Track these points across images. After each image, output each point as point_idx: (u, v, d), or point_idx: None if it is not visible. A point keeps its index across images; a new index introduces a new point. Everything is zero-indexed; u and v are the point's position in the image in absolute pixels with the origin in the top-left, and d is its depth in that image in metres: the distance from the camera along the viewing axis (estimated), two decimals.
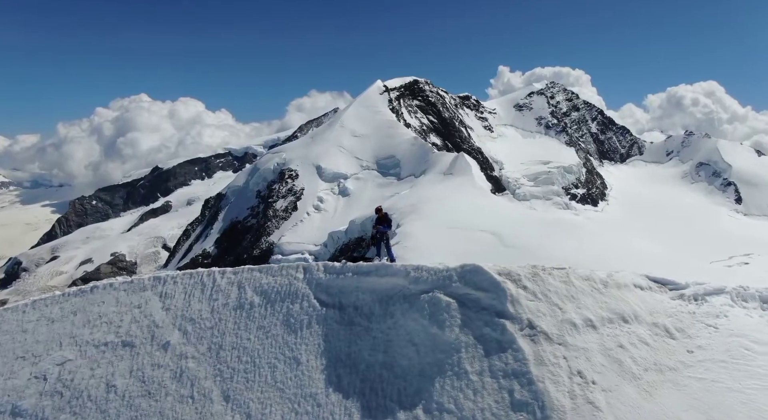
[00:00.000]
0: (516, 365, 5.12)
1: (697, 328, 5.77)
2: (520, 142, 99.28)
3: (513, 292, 5.66)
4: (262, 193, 70.70)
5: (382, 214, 9.89)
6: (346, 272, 7.01)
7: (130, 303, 9.27)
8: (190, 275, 9.00)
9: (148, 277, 9.63)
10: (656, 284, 6.44)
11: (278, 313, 7.23)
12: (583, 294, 5.76)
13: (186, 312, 8.37)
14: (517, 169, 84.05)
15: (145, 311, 8.92)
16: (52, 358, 9.08)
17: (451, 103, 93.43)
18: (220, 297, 8.15)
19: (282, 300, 7.35)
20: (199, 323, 8.04)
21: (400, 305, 6.21)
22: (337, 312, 6.72)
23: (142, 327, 8.64)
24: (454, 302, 5.78)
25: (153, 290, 9.23)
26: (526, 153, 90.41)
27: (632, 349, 5.31)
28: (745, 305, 6.26)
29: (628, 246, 47.56)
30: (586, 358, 5.09)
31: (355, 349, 6.20)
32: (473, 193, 47.67)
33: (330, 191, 62.90)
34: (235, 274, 8.37)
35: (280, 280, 7.63)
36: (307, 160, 67.40)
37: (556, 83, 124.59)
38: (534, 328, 5.35)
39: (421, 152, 62.38)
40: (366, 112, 74.17)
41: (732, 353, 5.40)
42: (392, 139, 66.94)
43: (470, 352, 5.36)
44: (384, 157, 64.93)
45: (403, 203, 42.72)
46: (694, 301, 6.22)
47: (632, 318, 5.67)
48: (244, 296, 7.83)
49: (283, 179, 66.17)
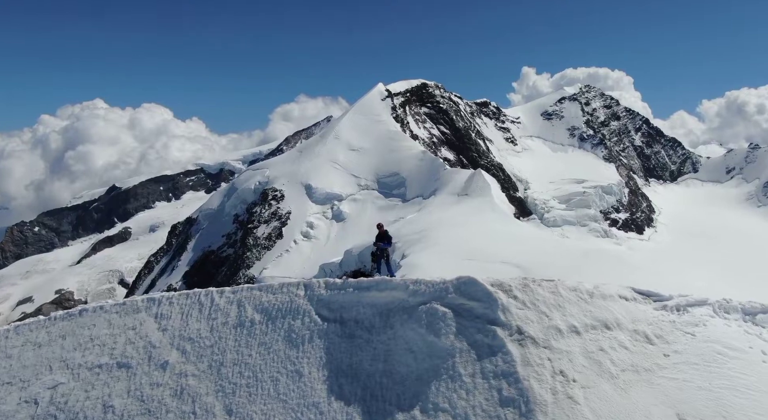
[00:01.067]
0: (505, 367, 6.91)
1: (675, 335, 7.54)
2: (549, 156, 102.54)
3: (504, 301, 7.51)
4: (241, 218, 72.76)
5: (382, 230, 12.04)
6: (347, 288, 8.89)
7: (124, 325, 11.08)
8: (186, 296, 10.87)
9: (142, 298, 11.52)
10: (641, 296, 8.28)
11: (280, 329, 9.05)
12: (569, 303, 7.60)
13: (184, 332, 10.17)
14: (546, 189, 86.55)
15: (140, 332, 10.72)
16: (43, 382, 10.81)
17: (466, 110, 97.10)
18: (219, 316, 9.97)
19: (283, 317, 9.18)
20: (198, 342, 9.82)
21: (399, 317, 8.06)
22: (338, 326, 8.55)
23: (138, 348, 10.42)
24: (449, 312, 7.63)
25: (147, 311, 11.08)
26: (557, 170, 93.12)
27: (612, 352, 7.08)
28: (727, 316, 8.02)
29: (681, 283, 48.43)
30: (569, 360, 6.87)
31: (357, 360, 8.00)
32: (493, 218, 49.12)
33: (322, 215, 64.78)
34: (234, 293, 10.24)
35: (281, 297, 9.49)
36: (295, 178, 69.66)
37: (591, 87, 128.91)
38: (522, 334, 7.16)
39: (430, 169, 64.63)
40: (365, 122, 77.09)
41: (705, 357, 7.14)
42: (396, 153, 69.51)
43: (464, 356, 7.18)
44: (386, 175, 67.24)
45: (409, 229, 44.28)
46: (676, 311, 8.01)
47: (614, 325, 7.48)
48: (245, 314, 9.66)
49: (266, 201, 68.26)
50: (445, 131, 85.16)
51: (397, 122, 77.29)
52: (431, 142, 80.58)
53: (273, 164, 77.81)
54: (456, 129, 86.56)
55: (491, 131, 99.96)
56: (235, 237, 71.66)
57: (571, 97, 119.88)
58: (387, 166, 68.30)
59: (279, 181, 70.01)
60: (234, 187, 78.90)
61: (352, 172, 68.78)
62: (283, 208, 66.71)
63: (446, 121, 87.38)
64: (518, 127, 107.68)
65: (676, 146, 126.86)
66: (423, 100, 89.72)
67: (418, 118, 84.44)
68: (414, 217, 53.13)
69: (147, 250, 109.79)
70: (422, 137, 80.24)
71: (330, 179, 67.53)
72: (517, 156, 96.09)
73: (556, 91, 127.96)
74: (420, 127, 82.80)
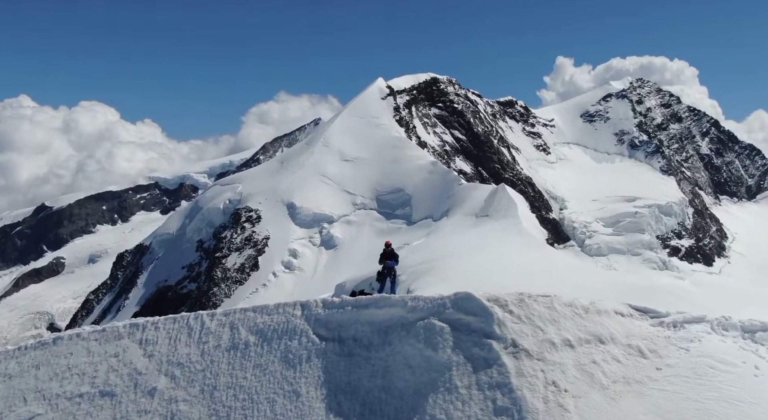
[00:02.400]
0: (499, 378, 9.20)
1: (669, 349, 9.83)
2: (591, 168, 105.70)
3: (500, 316, 9.86)
4: (206, 245, 75.10)
5: (390, 249, 14.92)
6: (346, 306, 11.26)
7: (105, 352, 13.41)
8: (174, 320, 13.24)
9: (123, 324, 13.89)
10: (638, 312, 10.62)
11: (276, 350, 11.39)
12: (564, 318, 9.94)
13: (173, 357, 12.48)
14: (587, 208, 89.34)
15: (124, 359, 13.04)
16: (17, 414, 13.12)
17: (486, 111, 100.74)
18: (211, 339, 12.31)
19: (279, 337, 11.53)
20: (188, 367, 12.12)
21: (397, 333, 10.41)
22: (336, 345, 10.89)
23: (122, 375, 12.73)
24: (447, 327, 9.99)
25: (131, 338, 13.43)
26: (601, 185, 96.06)
27: (604, 365, 9.36)
28: (725, 333, 10.30)
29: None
30: (561, 371, 9.16)
31: (355, 377, 10.31)
32: (520, 245, 50.77)
33: (308, 241, 67.10)
34: (226, 315, 12.61)
35: (277, 318, 11.86)
36: (275, 195, 72.05)
37: (645, 81, 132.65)
38: (517, 346, 9.48)
39: (442, 184, 67.08)
40: (362, 125, 79.99)
41: (697, 370, 9.40)
42: (400, 164, 72.24)
43: (460, 369, 9.50)
44: (388, 191, 69.91)
45: (414, 259, 46.17)
46: (673, 327, 10.30)
47: (608, 339, 9.80)
48: (238, 336, 12.00)
49: (238, 224, 70.43)
50: (461, 137, 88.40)
51: (401, 126, 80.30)
52: (443, 151, 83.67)
53: (247, 178, 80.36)
54: (474, 134, 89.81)
55: (518, 137, 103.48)
56: (199, 269, 73.57)
57: (618, 94, 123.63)
58: (388, 180, 70.89)
59: (254, 199, 72.34)
60: (197, 207, 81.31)
61: (346, 187, 71.34)
62: (260, 233, 68.74)
63: (462, 124, 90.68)
64: (552, 132, 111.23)
65: (755, 155, 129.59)
66: (433, 98, 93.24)
67: (427, 121, 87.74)
68: (421, 244, 54.98)
69: (84, 287, 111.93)
70: (432, 145, 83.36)
71: (318, 197, 70.00)
72: (550, 167, 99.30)
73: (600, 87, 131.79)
74: (429, 132, 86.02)
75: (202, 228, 77.92)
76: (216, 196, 79.09)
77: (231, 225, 71.82)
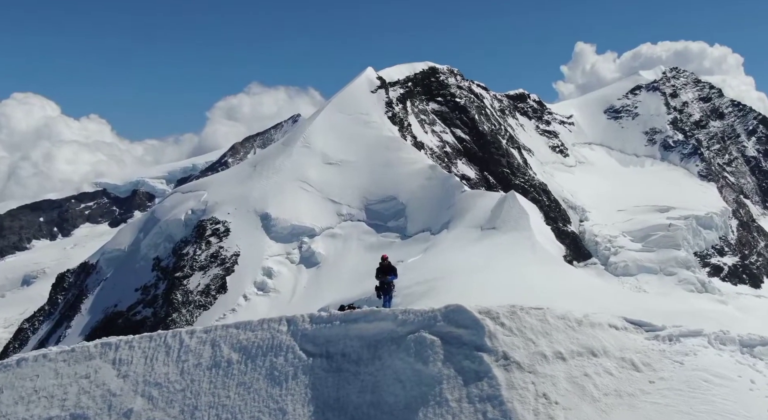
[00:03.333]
0: (490, 391, 10.93)
1: (663, 363, 11.59)
2: (616, 172, 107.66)
3: (491, 328, 11.61)
4: (164, 263, 75.92)
5: (387, 262, 16.93)
6: (334, 321, 12.98)
7: (74, 374, 15.04)
8: (149, 338, 14.91)
9: (94, 343, 15.52)
10: (633, 325, 12.40)
11: (261, 367, 13.08)
12: (556, 330, 11.70)
13: (149, 377, 14.13)
14: (612, 220, 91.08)
15: (96, 381, 14.68)
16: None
17: (494, 106, 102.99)
18: (191, 358, 13.97)
19: (264, 354, 13.22)
20: (167, 387, 13.77)
21: (387, 347, 12.14)
22: (324, 360, 12.60)
23: (95, 397, 14.36)
24: (438, 340, 11.73)
25: (103, 358, 15.08)
26: (629, 192, 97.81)
27: (596, 378, 11.10)
28: (722, 347, 12.07)
29: None
30: (552, 384, 10.89)
31: (344, 393, 12.01)
32: (533, 262, 51.53)
33: (285, 258, 68.07)
34: (207, 332, 14.30)
35: (261, 334, 13.56)
36: (246, 204, 73.19)
37: (680, 70, 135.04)
38: (508, 359, 11.21)
39: (441, 191, 68.69)
40: (348, 123, 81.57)
41: (690, 384, 11.15)
42: (393, 168, 73.73)
43: (451, 382, 11.22)
44: (379, 200, 71.33)
45: (410, 278, 47.35)
46: (669, 341, 12.08)
47: (601, 352, 11.56)
48: (220, 354, 13.68)
49: (203, 238, 71.44)
50: (464, 137, 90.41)
51: (395, 124, 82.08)
52: (443, 153, 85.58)
53: (213, 184, 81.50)
54: (479, 134, 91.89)
55: (531, 136, 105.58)
56: (156, 291, 74.18)
57: (649, 86, 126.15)
58: (380, 187, 72.25)
59: (222, 209, 73.50)
60: (154, 218, 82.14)
61: (330, 195, 72.66)
62: (228, 249, 69.50)
63: (465, 122, 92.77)
64: (570, 131, 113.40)
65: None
66: (431, 92, 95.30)
67: (425, 118, 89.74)
68: (418, 261, 55.94)
69: (17, 314, 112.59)
70: (430, 145, 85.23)
71: (297, 206, 71.33)
72: (569, 172, 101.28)
73: (628, 78, 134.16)
74: (427, 131, 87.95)
75: (160, 243, 77.90)
76: (176, 206, 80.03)
77: (194, 239, 72.86)
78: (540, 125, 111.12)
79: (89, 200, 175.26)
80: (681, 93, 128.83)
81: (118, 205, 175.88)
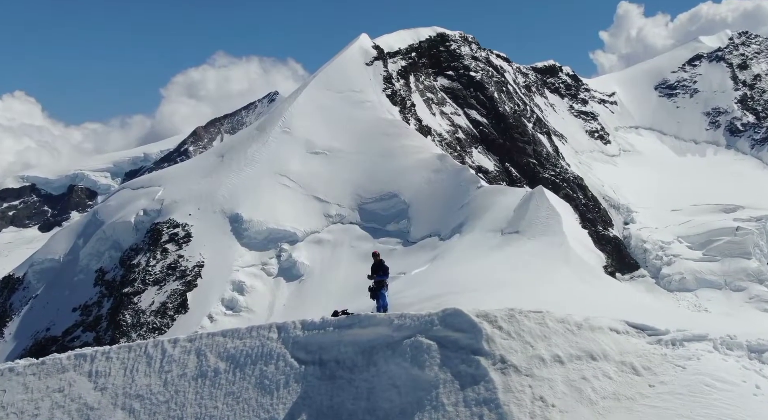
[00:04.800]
0: (487, 394, 13.80)
1: (664, 367, 14.45)
2: (670, 163, 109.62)
3: (488, 332, 14.49)
4: (110, 276, 77.02)
5: (378, 259, 20.17)
6: (327, 327, 15.85)
7: (46, 388, 17.89)
8: (129, 349, 17.77)
9: (67, 355, 18.36)
10: (635, 329, 15.28)
11: (250, 376, 15.95)
12: (555, 334, 14.58)
13: (129, 389, 16.98)
14: (665, 222, 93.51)
15: (71, 394, 17.52)
16: None
17: (517, 82, 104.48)
18: (175, 368, 16.82)
19: (254, 363, 16.09)
20: (149, 399, 16.62)
21: (383, 353, 15.02)
22: (317, 368, 15.48)
23: (70, 411, 17.22)
24: (434, 344, 14.60)
25: (77, 370, 17.93)
26: (685, 187, 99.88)
27: (594, 381, 13.96)
28: (729, 352, 14.93)
29: None
30: (550, 387, 13.75)
31: (338, 401, 14.90)
32: (566, 275, 52.62)
33: (260, 270, 69.96)
34: (191, 341, 17.17)
35: (251, 342, 16.44)
36: (211, 203, 75.13)
37: (750, 36, 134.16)
38: (505, 362, 14.09)
39: (452, 187, 70.78)
40: (338, 103, 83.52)
41: (691, 388, 13.98)
42: (393, 158, 76.00)
43: (447, 387, 14.09)
44: (375, 198, 73.44)
45: (415, 295, 48.51)
46: (671, 345, 14.93)
47: (600, 356, 14.43)
48: (206, 363, 16.55)
49: (158, 245, 73.22)
50: (480, 120, 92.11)
51: (395, 104, 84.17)
52: (454, 140, 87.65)
53: (170, 179, 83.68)
54: (499, 116, 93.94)
55: (563, 119, 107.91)
56: (99, 311, 75.01)
57: (712, 56, 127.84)
58: (377, 181, 74.29)
59: (181, 210, 75.63)
60: (96, 221, 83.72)
61: (316, 192, 74.71)
62: (190, 258, 71.27)
63: (481, 101, 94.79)
64: (613, 111, 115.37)
65: None
66: (440, 64, 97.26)
67: (432, 97, 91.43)
68: (424, 273, 56.96)
69: None
70: (438, 130, 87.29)
71: (275, 206, 73.52)
72: (610, 163, 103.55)
73: (684, 45, 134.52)
74: (435, 113, 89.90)
75: (104, 252, 79.53)
76: (124, 205, 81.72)
77: (147, 247, 74.80)
78: (575, 105, 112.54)
79: (14, 198, 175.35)
80: (752, 64, 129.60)
81: (51, 205, 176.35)
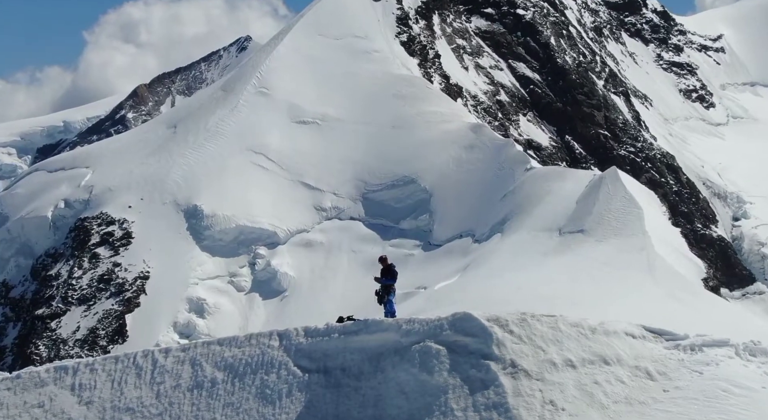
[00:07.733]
0: (496, 398, 20.05)
1: (680, 372, 20.58)
2: None
3: (499, 336, 20.74)
4: (17, 292, 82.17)
5: (387, 264, 26.90)
6: (332, 334, 22.16)
7: (24, 403, 24.22)
8: (115, 360, 24.07)
9: (46, 368, 24.71)
10: (652, 334, 21.50)
11: (250, 386, 22.34)
12: (568, 338, 20.80)
13: (118, 402, 23.27)
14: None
15: (52, 409, 23.86)
16: None
17: (583, 23, 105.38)
18: (167, 379, 23.11)
19: (254, 372, 22.47)
20: (140, 412, 22.89)
21: (390, 359, 21.37)
22: (321, 376, 21.87)
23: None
24: (443, 349, 20.90)
25: (58, 383, 24.25)
26: None
27: (606, 385, 20.11)
28: (751, 358, 21.01)
29: None
30: (560, 391, 19.96)
31: (344, 409, 21.28)
32: (647, 291, 51.97)
33: (228, 283, 75.35)
34: (185, 351, 23.53)
35: (250, 350, 22.84)
36: (160, 191, 79.87)
37: None
38: (516, 367, 20.31)
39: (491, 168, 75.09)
40: (333, 53, 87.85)
41: (707, 393, 20.01)
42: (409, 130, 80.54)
43: (457, 392, 20.41)
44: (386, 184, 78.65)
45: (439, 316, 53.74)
46: (690, 350, 21.07)
47: (614, 361, 20.62)
48: (202, 374, 22.88)
49: (85, 250, 77.72)
50: (531, 76, 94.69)
51: (413, 55, 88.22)
52: (494, 104, 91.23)
53: (102, 157, 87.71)
54: (557, 70, 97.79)
55: (648, 73, 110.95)
56: (1, 340, 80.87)
57: None
58: (387, 162, 79.38)
59: (118, 201, 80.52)
60: (1, 216, 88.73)
61: (303, 177, 79.26)
62: (130, 267, 75.91)
63: (533, 50, 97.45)
64: (719, 63, 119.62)
65: None
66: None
67: (465, 45, 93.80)
68: (451, 288, 62.15)
69: None
70: (473, 91, 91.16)
71: (248, 195, 78.41)
72: (715, 134, 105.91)
73: None
74: (468, 67, 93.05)
75: (9, 258, 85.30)
76: (37, 195, 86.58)
77: (70, 252, 79.81)
78: (664, 54, 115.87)
79: None
80: None
81: None
